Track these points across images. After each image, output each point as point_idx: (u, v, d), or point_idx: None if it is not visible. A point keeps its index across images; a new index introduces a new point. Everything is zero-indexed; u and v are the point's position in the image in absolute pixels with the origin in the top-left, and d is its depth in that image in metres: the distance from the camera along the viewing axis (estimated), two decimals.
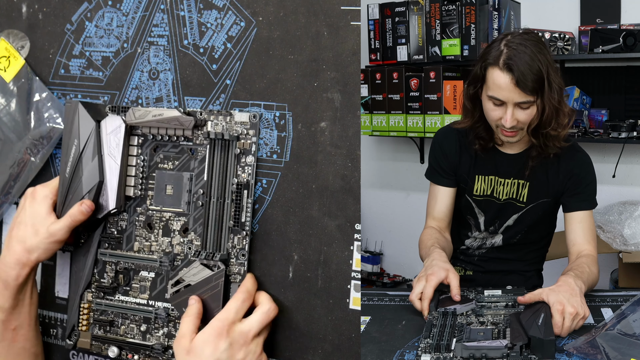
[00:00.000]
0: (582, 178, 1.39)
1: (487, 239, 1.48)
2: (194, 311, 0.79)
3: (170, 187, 0.85)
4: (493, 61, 1.27)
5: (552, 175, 1.39)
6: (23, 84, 0.95)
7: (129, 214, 0.87)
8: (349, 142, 0.79)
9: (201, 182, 0.83)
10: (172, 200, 0.85)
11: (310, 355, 0.82)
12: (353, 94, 0.78)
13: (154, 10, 0.89)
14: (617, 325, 1.03)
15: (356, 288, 0.80)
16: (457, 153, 1.44)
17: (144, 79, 0.90)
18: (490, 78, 1.28)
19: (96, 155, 0.85)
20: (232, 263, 0.82)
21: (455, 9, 2.66)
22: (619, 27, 2.45)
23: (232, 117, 0.82)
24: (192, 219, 0.84)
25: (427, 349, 0.95)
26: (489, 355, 0.92)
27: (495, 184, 1.42)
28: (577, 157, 1.40)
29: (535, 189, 1.40)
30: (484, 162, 1.42)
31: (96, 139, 0.86)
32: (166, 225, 0.85)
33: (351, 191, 0.79)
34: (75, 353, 0.95)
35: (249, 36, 0.84)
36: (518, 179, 1.40)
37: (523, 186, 1.40)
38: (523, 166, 1.39)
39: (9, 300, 0.86)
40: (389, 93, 2.80)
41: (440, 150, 1.46)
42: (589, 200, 1.39)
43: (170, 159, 0.85)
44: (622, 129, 2.43)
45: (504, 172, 1.41)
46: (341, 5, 0.79)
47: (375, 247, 3.23)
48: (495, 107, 1.29)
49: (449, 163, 1.45)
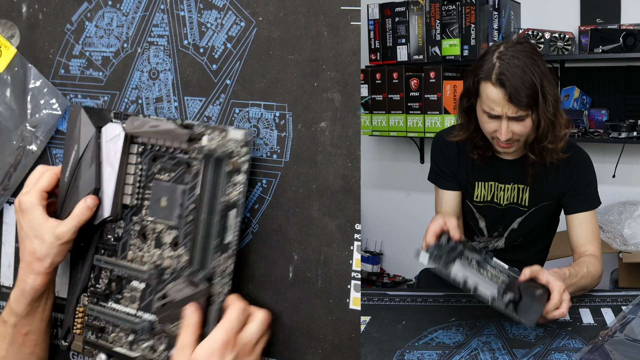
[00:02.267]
0: (582, 178, 1.38)
1: (490, 242, 1.48)
2: (193, 321, 0.77)
3: (165, 199, 0.83)
4: (485, 76, 1.25)
5: (552, 178, 1.39)
6: (17, 73, 0.95)
7: (126, 222, 0.86)
8: (349, 142, 0.79)
9: (194, 197, 0.81)
10: (166, 212, 0.83)
11: (310, 355, 0.82)
12: (353, 94, 0.78)
13: (154, 10, 0.89)
14: (623, 330, 1.03)
15: (356, 288, 0.80)
16: (455, 158, 1.43)
17: (144, 79, 0.90)
18: (483, 92, 1.26)
19: (94, 162, 0.85)
20: (215, 282, 0.79)
21: (455, 9, 2.66)
22: (619, 27, 2.46)
23: (227, 133, 0.80)
24: (183, 233, 0.82)
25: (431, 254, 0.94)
26: (480, 289, 0.92)
27: (495, 189, 1.42)
28: (577, 158, 1.39)
29: (536, 193, 1.40)
30: (482, 168, 1.42)
31: (95, 145, 0.85)
32: (158, 237, 0.84)
33: (351, 191, 0.79)
34: (75, 353, 0.95)
35: (249, 36, 0.84)
36: (518, 184, 1.40)
37: (524, 190, 1.40)
38: (523, 171, 1.39)
39: (25, 307, 0.85)
40: (389, 93, 2.80)
41: (441, 153, 1.46)
42: (589, 200, 1.38)
43: (167, 170, 0.84)
44: (622, 129, 2.44)
45: (504, 178, 1.41)
46: (341, 5, 0.79)
47: (375, 247, 3.23)
48: (490, 120, 1.28)
49: (449, 166, 1.44)
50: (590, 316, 1.12)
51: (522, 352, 1.00)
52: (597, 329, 1.06)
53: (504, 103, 1.23)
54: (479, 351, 1.02)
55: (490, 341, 1.05)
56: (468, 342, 1.05)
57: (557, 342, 1.03)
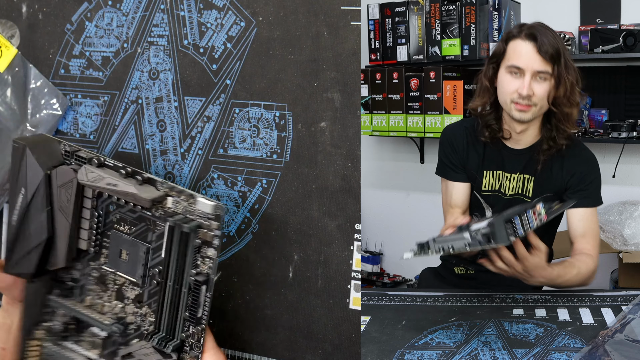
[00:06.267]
0: (585, 175, 1.39)
1: None
2: None
3: (125, 253, 0.76)
4: (516, 33, 1.34)
5: (556, 171, 1.40)
6: (17, 73, 0.95)
7: (83, 265, 0.79)
8: (349, 142, 0.79)
9: (158, 258, 0.74)
10: (127, 267, 0.76)
11: (310, 355, 0.82)
12: (353, 94, 0.78)
13: (154, 10, 0.89)
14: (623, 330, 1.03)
15: (356, 288, 0.80)
16: (465, 150, 1.45)
17: (144, 79, 0.90)
18: (511, 49, 1.34)
19: (45, 208, 0.76)
20: (185, 352, 0.74)
21: (455, 9, 2.66)
22: (619, 27, 2.46)
23: (195, 201, 0.72)
24: (147, 293, 0.76)
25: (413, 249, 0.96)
26: (455, 246, 0.93)
27: (502, 179, 1.43)
28: (582, 154, 1.41)
29: (539, 184, 1.40)
30: (491, 157, 1.44)
31: (45, 191, 0.76)
32: (120, 290, 0.77)
33: (351, 191, 0.79)
34: None
35: (249, 36, 0.84)
36: (524, 174, 1.41)
37: (528, 181, 1.41)
38: (529, 161, 1.40)
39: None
40: (389, 93, 2.80)
41: (450, 145, 1.48)
42: (591, 197, 1.39)
43: (127, 222, 0.76)
44: (622, 129, 2.44)
45: (510, 167, 1.42)
46: (341, 5, 0.79)
47: (375, 247, 3.23)
48: (512, 79, 1.33)
49: (458, 158, 1.46)
50: (590, 316, 1.12)
51: (522, 352, 1.00)
52: (597, 329, 1.06)
53: (531, 54, 1.31)
54: (479, 351, 1.02)
55: (490, 341, 1.05)
56: (468, 342, 1.05)
57: (557, 342, 1.03)
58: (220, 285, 0.86)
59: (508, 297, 1.23)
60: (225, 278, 0.86)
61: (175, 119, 0.88)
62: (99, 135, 0.93)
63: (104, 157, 0.76)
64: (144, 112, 0.90)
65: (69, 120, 0.95)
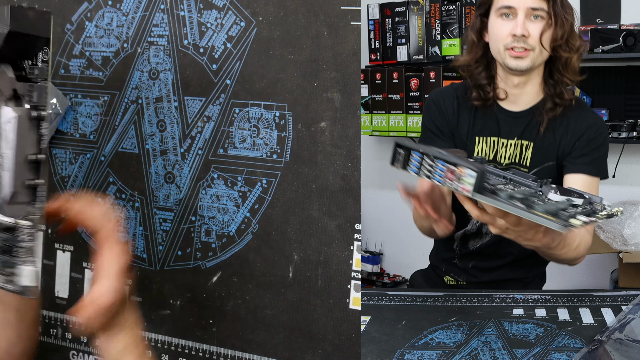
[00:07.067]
0: (592, 140, 1.25)
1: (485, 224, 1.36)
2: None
3: None
4: None
5: (560, 134, 1.26)
6: None
7: None
8: (349, 142, 0.79)
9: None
10: None
11: (310, 355, 0.82)
12: (353, 94, 0.78)
13: (154, 10, 0.89)
14: (623, 330, 1.03)
15: (356, 288, 0.80)
16: (454, 113, 1.31)
17: (144, 79, 0.90)
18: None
19: None
20: None
21: (455, 9, 2.66)
22: (619, 27, 2.46)
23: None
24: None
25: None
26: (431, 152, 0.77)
27: (498, 146, 1.29)
28: (590, 117, 1.27)
29: (540, 151, 1.27)
30: (484, 121, 1.30)
31: None
32: None
33: (351, 191, 0.79)
34: (75, 353, 0.95)
35: (249, 36, 0.84)
36: (522, 140, 1.27)
37: (527, 147, 1.27)
38: (529, 125, 1.27)
39: None
40: (389, 93, 2.80)
41: (437, 108, 1.32)
42: (594, 165, 1.24)
43: None
44: (622, 129, 2.44)
45: (506, 132, 1.28)
46: (341, 5, 0.79)
47: (375, 247, 3.23)
48: (504, 22, 1.21)
49: (446, 122, 1.32)
50: (590, 316, 1.12)
51: (522, 352, 1.00)
52: (597, 329, 1.06)
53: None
54: (479, 351, 1.02)
55: (490, 341, 1.05)
56: (468, 342, 1.05)
57: (557, 342, 1.03)
58: (220, 285, 0.86)
59: (508, 297, 1.23)
60: (225, 278, 0.86)
61: (175, 118, 0.88)
62: (99, 135, 0.93)
63: None
64: (144, 112, 0.90)
65: (69, 120, 0.95)
